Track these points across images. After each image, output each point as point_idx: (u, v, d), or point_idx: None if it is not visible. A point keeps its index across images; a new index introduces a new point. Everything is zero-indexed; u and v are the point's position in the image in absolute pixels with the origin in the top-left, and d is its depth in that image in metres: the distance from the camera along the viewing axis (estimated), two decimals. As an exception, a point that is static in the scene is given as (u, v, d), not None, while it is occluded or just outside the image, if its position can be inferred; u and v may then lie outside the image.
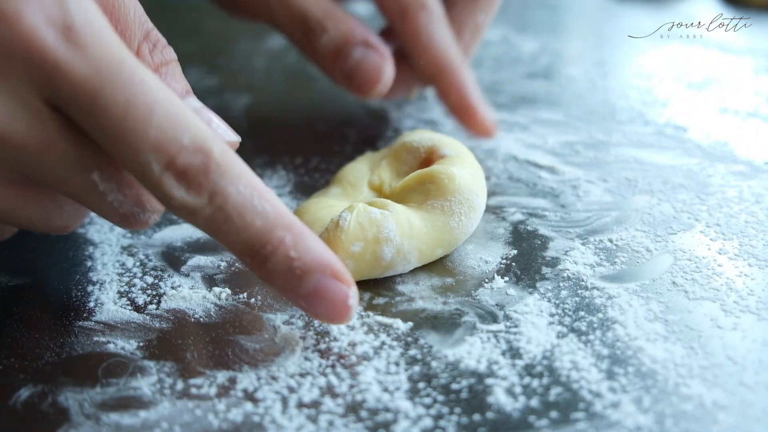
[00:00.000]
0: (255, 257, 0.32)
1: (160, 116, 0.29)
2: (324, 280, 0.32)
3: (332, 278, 0.32)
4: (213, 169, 0.30)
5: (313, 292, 0.32)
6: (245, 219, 0.31)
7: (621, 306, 0.36)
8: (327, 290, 0.32)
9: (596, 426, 0.29)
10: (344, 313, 0.32)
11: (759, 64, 0.71)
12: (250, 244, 0.31)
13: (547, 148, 0.53)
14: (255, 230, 0.31)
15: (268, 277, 0.32)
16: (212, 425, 0.29)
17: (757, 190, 0.47)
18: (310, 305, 0.32)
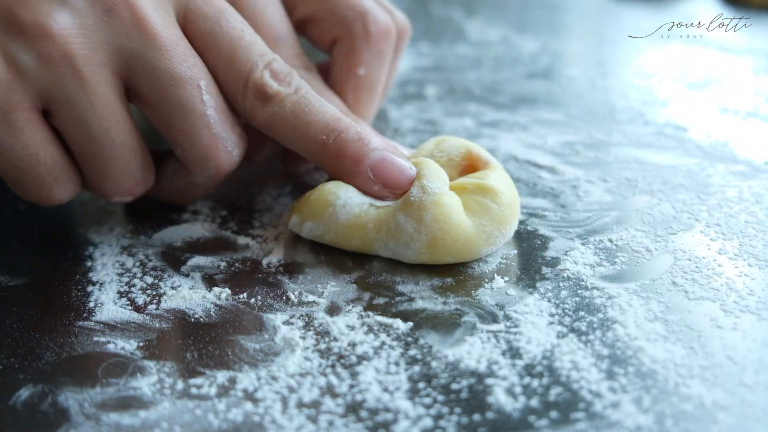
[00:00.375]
0: (331, 132, 0.40)
1: (260, 39, 0.41)
2: (388, 153, 0.40)
3: (393, 155, 0.40)
4: (296, 74, 0.41)
5: (381, 160, 0.40)
6: (322, 104, 0.40)
7: (621, 306, 0.36)
8: (393, 160, 0.40)
9: (596, 426, 0.29)
10: (407, 178, 0.40)
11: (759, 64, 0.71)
12: (326, 122, 0.40)
13: (547, 148, 0.53)
14: (330, 113, 0.40)
15: (341, 149, 0.40)
16: (212, 425, 0.29)
17: (757, 190, 0.47)
18: (379, 172, 0.40)
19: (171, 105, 0.38)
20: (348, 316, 0.36)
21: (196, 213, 0.45)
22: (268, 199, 0.47)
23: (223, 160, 0.40)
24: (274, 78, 0.40)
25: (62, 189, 0.38)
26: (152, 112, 0.39)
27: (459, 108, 0.61)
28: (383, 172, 0.40)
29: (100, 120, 0.37)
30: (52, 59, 0.35)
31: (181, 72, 0.38)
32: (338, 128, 0.40)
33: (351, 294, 0.37)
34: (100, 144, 0.37)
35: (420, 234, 0.38)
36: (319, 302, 0.37)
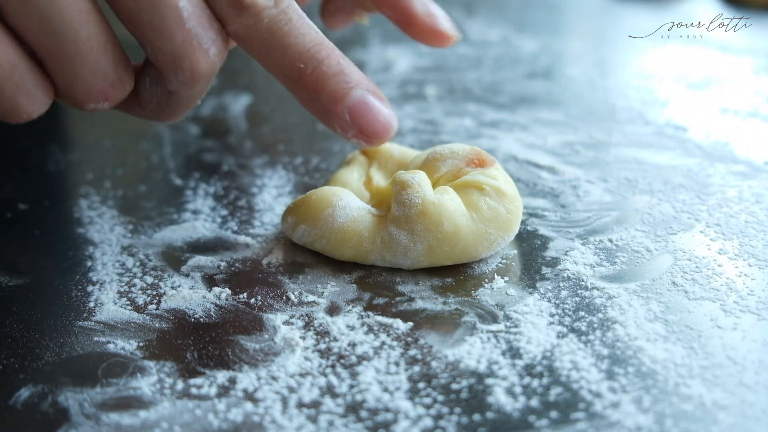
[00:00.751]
0: (310, 60, 0.35)
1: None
2: (369, 95, 0.36)
3: (376, 96, 0.36)
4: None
5: (360, 102, 0.36)
6: (303, 24, 0.36)
7: (621, 306, 0.36)
8: (373, 103, 0.36)
9: (596, 426, 0.29)
10: (386, 128, 0.36)
11: (759, 64, 0.71)
12: (306, 48, 0.35)
13: (547, 148, 0.53)
14: (311, 36, 0.35)
15: (319, 82, 0.35)
16: (212, 425, 0.29)
17: (757, 190, 0.47)
18: (356, 116, 0.36)
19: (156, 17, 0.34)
20: (348, 316, 0.36)
21: (197, 213, 0.45)
22: (268, 199, 0.47)
23: (198, 60, 0.35)
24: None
25: (28, 99, 0.34)
26: (118, 4, 0.34)
27: (459, 108, 0.61)
28: (361, 115, 0.36)
29: (60, 10, 0.32)
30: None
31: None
32: (318, 57, 0.36)
33: (351, 294, 0.37)
34: (63, 39, 0.33)
35: (415, 244, 0.38)
36: (319, 302, 0.37)
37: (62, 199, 0.45)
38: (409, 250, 0.38)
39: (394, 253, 0.38)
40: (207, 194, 0.48)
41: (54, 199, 0.44)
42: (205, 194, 0.48)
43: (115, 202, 0.46)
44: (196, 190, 0.48)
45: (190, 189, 0.48)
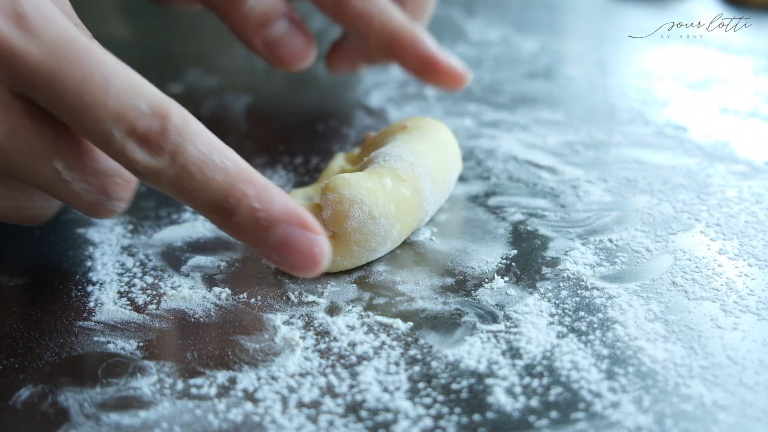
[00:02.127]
0: (221, 212, 0.33)
1: (116, 86, 0.31)
2: (291, 230, 0.33)
3: (300, 227, 0.33)
4: (171, 130, 0.32)
5: (282, 243, 0.33)
6: (206, 175, 0.32)
7: (621, 306, 0.36)
8: (296, 239, 0.33)
9: (596, 426, 0.29)
10: (315, 262, 0.33)
11: (759, 64, 0.71)
12: (214, 200, 0.32)
13: (547, 148, 0.53)
14: (217, 185, 0.32)
15: (237, 231, 0.33)
16: (212, 425, 0.29)
17: (757, 190, 0.47)
18: (283, 257, 0.33)
19: (37, 187, 0.35)
20: (348, 316, 0.36)
21: (197, 213, 0.45)
22: (268, 199, 0.47)
23: (104, 216, 0.37)
24: (141, 145, 0.31)
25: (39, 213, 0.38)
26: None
27: (459, 108, 0.61)
28: (287, 255, 0.33)
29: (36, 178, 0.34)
30: None
31: (29, 162, 0.33)
32: (229, 206, 0.32)
33: (351, 294, 0.37)
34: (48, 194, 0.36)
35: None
36: (319, 302, 0.37)
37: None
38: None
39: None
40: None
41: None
42: (205, 194, 0.48)
43: (115, 202, 0.46)
44: (196, 190, 0.48)
45: (190, 189, 0.48)
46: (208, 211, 0.33)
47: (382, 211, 0.38)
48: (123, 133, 0.31)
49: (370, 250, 0.39)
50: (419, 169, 0.40)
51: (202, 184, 0.32)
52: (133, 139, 0.31)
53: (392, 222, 0.39)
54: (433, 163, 0.42)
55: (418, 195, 0.40)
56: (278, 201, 0.33)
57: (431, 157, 0.42)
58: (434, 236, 0.42)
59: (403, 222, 0.39)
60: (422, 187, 0.40)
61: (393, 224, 0.39)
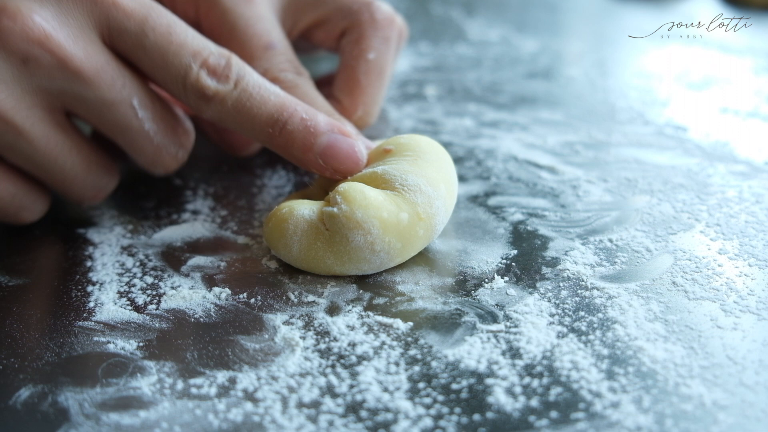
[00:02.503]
0: (275, 124, 0.40)
1: (192, 33, 0.40)
2: (335, 136, 0.40)
3: (341, 134, 0.40)
4: (234, 63, 0.40)
5: (327, 147, 0.40)
6: (263, 95, 0.40)
7: (621, 306, 0.36)
8: (339, 143, 0.40)
9: (596, 426, 0.29)
10: (356, 161, 0.40)
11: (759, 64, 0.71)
12: (270, 114, 0.40)
13: (547, 148, 0.53)
14: (272, 103, 0.40)
15: (288, 140, 0.40)
16: (212, 425, 0.29)
17: (757, 190, 0.47)
18: (327, 159, 0.40)
19: (109, 126, 0.40)
20: (348, 316, 0.36)
21: (196, 213, 0.45)
22: (268, 199, 0.47)
23: (169, 164, 0.43)
24: (211, 75, 0.40)
25: (29, 212, 0.42)
26: (97, 129, 0.41)
27: (459, 108, 0.61)
28: (331, 158, 0.40)
29: (45, 154, 0.39)
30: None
31: (111, 97, 0.39)
32: (282, 119, 0.40)
33: (351, 294, 0.37)
34: (52, 171, 0.40)
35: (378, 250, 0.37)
36: (319, 302, 0.37)
37: (62, 200, 0.45)
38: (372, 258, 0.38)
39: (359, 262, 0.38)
40: (207, 194, 0.48)
41: (54, 199, 0.44)
42: (204, 194, 0.48)
43: (115, 202, 0.46)
44: (196, 190, 0.48)
45: (190, 189, 0.48)
46: (263, 125, 0.40)
47: (385, 246, 0.37)
48: (198, 65, 0.39)
49: (357, 268, 0.38)
50: (437, 203, 0.39)
51: (259, 103, 0.40)
52: (205, 69, 0.39)
53: (392, 257, 0.38)
54: (446, 191, 0.40)
55: (429, 233, 0.39)
56: (321, 114, 0.41)
57: (444, 184, 0.40)
58: (434, 236, 0.42)
59: (404, 256, 0.39)
60: (436, 222, 0.39)
61: (392, 259, 0.38)
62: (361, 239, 0.37)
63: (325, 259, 0.38)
